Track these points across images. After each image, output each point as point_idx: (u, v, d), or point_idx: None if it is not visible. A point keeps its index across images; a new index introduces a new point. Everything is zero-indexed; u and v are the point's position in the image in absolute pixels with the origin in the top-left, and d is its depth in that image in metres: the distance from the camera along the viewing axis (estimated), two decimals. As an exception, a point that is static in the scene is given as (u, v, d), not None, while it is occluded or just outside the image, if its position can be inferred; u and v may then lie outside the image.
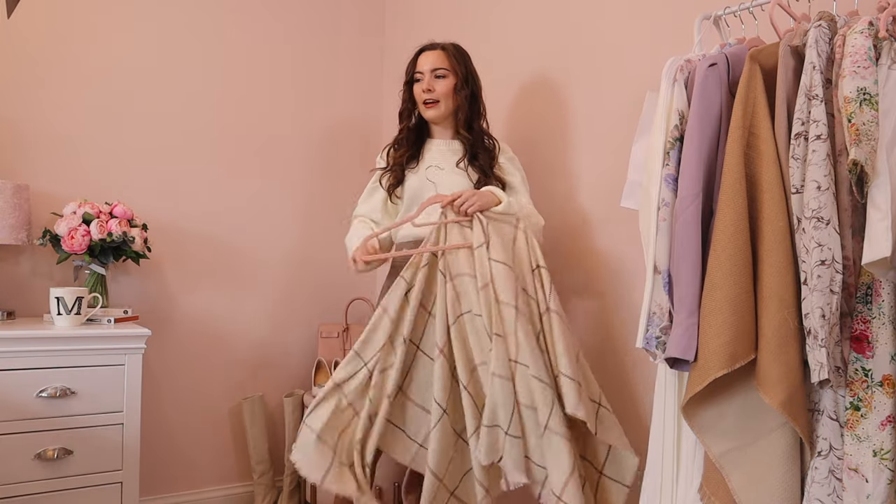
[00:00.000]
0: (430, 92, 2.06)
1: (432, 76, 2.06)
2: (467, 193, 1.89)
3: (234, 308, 2.85)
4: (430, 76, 2.06)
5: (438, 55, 2.07)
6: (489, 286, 1.78)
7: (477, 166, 2.06)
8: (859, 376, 1.31)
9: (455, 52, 2.09)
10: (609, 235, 2.15)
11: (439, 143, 2.13)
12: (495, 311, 1.75)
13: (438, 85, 2.06)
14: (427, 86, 2.06)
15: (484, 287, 1.78)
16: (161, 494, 2.70)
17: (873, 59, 1.28)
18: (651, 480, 1.67)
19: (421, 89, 2.07)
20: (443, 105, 2.07)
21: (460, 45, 2.13)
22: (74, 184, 2.54)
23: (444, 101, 2.07)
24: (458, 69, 2.07)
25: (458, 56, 2.09)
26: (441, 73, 2.06)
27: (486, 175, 2.04)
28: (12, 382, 2.05)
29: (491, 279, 1.79)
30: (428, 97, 2.06)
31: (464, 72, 2.08)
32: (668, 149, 1.55)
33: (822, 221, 1.29)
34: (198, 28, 2.79)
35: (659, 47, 1.94)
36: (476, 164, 2.06)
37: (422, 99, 2.08)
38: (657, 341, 1.55)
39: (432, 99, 2.06)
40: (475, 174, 2.05)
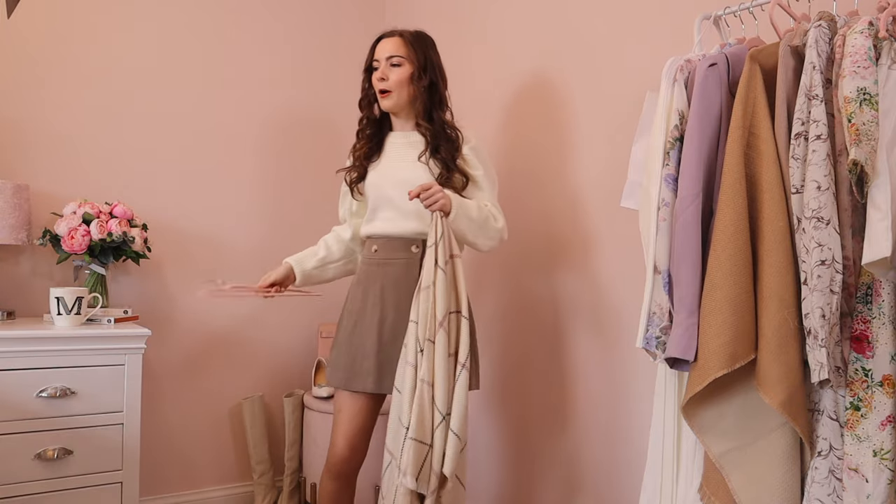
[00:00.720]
0: (384, 81, 1.97)
1: (388, 64, 1.97)
2: (437, 188, 1.84)
3: (234, 308, 2.85)
4: (386, 64, 1.97)
5: (395, 42, 1.98)
6: (430, 289, 1.78)
7: (439, 159, 1.97)
8: (859, 376, 1.31)
9: (413, 39, 2.00)
10: (609, 235, 2.15)
11: (399, 136, 2.05)
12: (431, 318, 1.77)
13: (393, 73, 1.97)
14: (381, 74, 1.97)
15: (426, 289, 1.79)
16: (161, 494, 2.70)
17: (873, 59, 1.28)
18: (651, 480, 1.67)
19: (377, 77, 1.99)
20: (396, 94, 1.98)
21: (423, 32, 2.04)
22: (74, 184, 2.54)
23: (397, 91, 1.98)
24: (416, 57, 1.98)
25: (417, 43, 1.99)
26: (396, 62, 1.97)
27: (449, 168, 1.96)
28: (12, 382, 2.05)
29: (434, 283, 1.78)
30: (382, 86, 1.98)
31: (422, 60, 1.98)
32: (668, 149, 1.55)
33: (822, 221, 1.29)
34: (198, 28, 2.79)
35: (659, 47, 1.94)
36: (438, 156, 1.97)
37: (377, 87, 1.99)
38: (657, 341, 1.55)
39: (386, 88, 1.98)
40: (437, 167, 1.97)
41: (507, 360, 2.51)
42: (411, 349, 1.78)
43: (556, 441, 2.33)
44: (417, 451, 1.74)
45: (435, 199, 1.83)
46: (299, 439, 2.79)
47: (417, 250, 1.96)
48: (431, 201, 1.83)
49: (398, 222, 1.98)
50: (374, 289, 1.98)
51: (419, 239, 1.96)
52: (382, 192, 2.00)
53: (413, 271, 1.94)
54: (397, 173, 2.00)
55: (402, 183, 1.95)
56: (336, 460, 1.97)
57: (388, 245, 1.99)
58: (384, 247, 2.00)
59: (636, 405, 2.05)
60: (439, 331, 1.76)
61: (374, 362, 1.93)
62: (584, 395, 2.24)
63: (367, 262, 2.05)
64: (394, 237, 1.99)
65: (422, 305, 1.79)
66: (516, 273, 2.49)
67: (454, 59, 2.79)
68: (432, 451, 1.75)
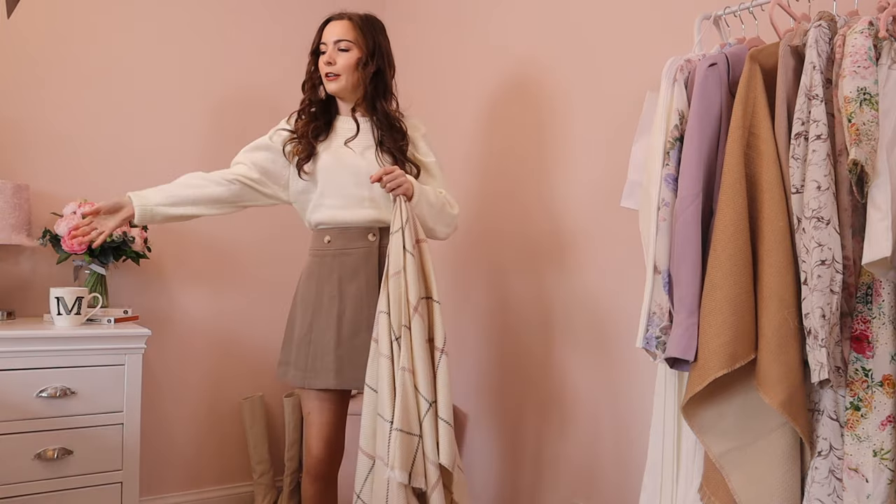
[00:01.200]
0: (331, 65, 1.93)
1: (335, 48, 1.93)
2: (400, 171, 1.81)
3: (234, 308, 2.85)
4: (334, 48, 1.93)
5: (344, 26, 1.94)
6: (401, 275, 1.75)
7: (386, 150, 1.94)
8: (859, 376, 1.31)
9: (363, 23, 1.95)
10: (609, 235, 2.15)
11: (348, 121, 2.00)
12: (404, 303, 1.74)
13: (340, 58, 1.92)
14: (329, 58, 1.92)
15: (395, 274, 1.75)
16: (161, 494, 2.70)
17: (873, 59, 1.28)
18: (651, 480, 1.67)
19: (324, 61, 1.94)
20: (343, 79, 1.93)
21: (373, 16, 2.00)
22: (74, 184, 2.54)
23: (345, 75, 1.93)
24: (365, 42, 1.94)
25: (366, 28, 1.95)
26: (344, 46, 1.92)
27: (397, 160, 1.93)
28: (12, 382, 2.05)
29: (404, 268, 1.75)
30: (329, 70, 1.93)
31: (371, 46, 1.94)
32: (668, 149, 1.55)
33: (822, 221, 1.29)
34: (198, 28, 2.79)
35: (659, 47, 1.94)
36: (384, 147, 1.94)
37: (324, 71, 1.95)
38: (657, 341, 1.55)
39: (333, 72, 1.93)
40: (387, 159, 1.93)
41: (506, 360, 2.51)
42: (384, 341, 1.73)
43: (556, 441, 2.33)
44: (406, 442, 1.68)
45: (398, 182, 1.79)
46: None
47: (375, 238, 1.92)
48: (395, 184, 1.79)
49: (352, 210, 1.92)
50: (331, 281, 1.92)
51: (375, 227, 1.92)
52: (334, 177, 1.93)
53: (372, 260, 1.91)
54: (348, 159, 1.93)
55: (354, 169, 1.91)
56: (314, 462, 1.95)
57: (343, 234, 1.93)
58: (339, 236, 1.93)
59: (636, 405, 2.05)
60: (414, 316, 1.72)
61: (334, 357, 1.88)
62: (583, 396, 2.24)
63: (319, 254, 1.96)
64: (349, 226, 1.92)
65: (392, 292, 1.74)
66: (516, 272, 2.49)
67: (454, 59, 2.79)
68: (423, 442, 1.70)
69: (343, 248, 1.92)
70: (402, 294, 1.74)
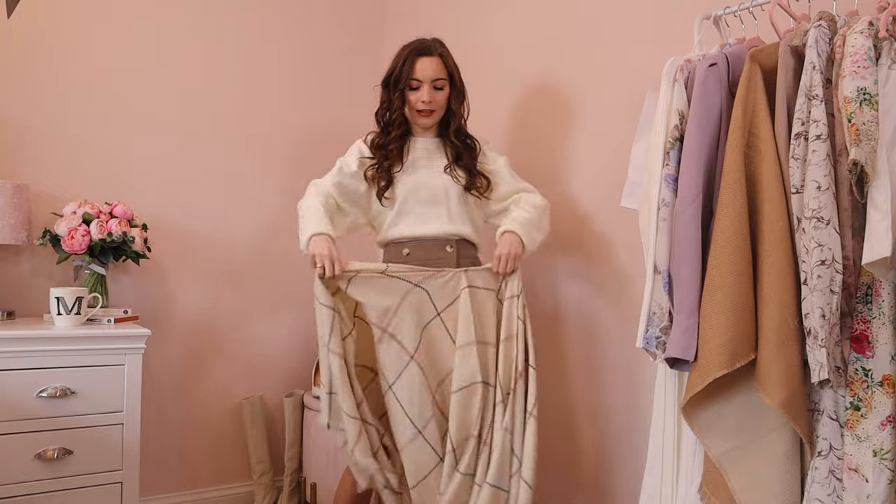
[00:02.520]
0: (431, 103, 2.01)
1: (432, 87, 2.01)
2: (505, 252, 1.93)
3: (234, 308, 2.84)
4: (430, 87, 2.00)
5: (437, 63, 2.01)
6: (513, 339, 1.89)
7: (462, 166, 2.04)
8: (859, 376, 1.31)
9: (449, 57, 2.06)
10: (609, 235, 2.15)
11: (423, 142, 2.09)
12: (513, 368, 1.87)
13: (438, 96, 2.02)
14: (428, 97, 2.00)
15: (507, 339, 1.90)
16: (161, 494, 2.70)
17: (873, 59, 1.28)
18: (651, 480, 1.67)
19: (420, 99, 2.01)
20: (437, 114, 2.05)
21: (443, 43, 2.07)
22: (74, 184, 2.54)
23: (438, 111, 2.05)
24: (455, 76, 2.05)
25: (451, 60, 2.06)
26: (440, 85, 2.02)
27: (472, 174, 2.04)
28: (12, 382, 2.05)
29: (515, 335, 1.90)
30: (427, 108, 2.02)
31: (458, 79, 2.06)
32: (668, 149, 1.55)
33: (822, 221, 1.29)
34: (198, 28, 2.79)
35: (659, 47, 1.94)
36: (461, 163, 2.05)
37: (419, 108, 2.02)
38: (657, 341, 1.55)
39: (431, 109, 2.03)
40: (462, 174, 2.04)
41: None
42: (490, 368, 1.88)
43: (555, 441, 2.32)
44: (495, 498, 1.80)
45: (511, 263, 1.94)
46: (299, 439, 2.79)
47: (452, 249, 2.01)
48: (511, 266, 1.94)
49: (430, 224, 2.01)
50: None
51: (452, 239, 2.01)
52: (412, 196, 2.02)
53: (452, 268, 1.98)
54: (423, 178, 2.04)
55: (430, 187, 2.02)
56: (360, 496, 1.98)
57: (421, 247, 2.01)
58: (417, 248, 2.01)
59: (636, 405, 2.05)
60: (519, 381, 1.85)
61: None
62: (583, 395, 2.24)
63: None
64: (427, 238, 2.01)
65: (504, 357, 1.88)
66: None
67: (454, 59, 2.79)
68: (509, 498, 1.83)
69: (424, 258, 2.00)
70: (513, 360, 1.87)
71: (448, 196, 2.02)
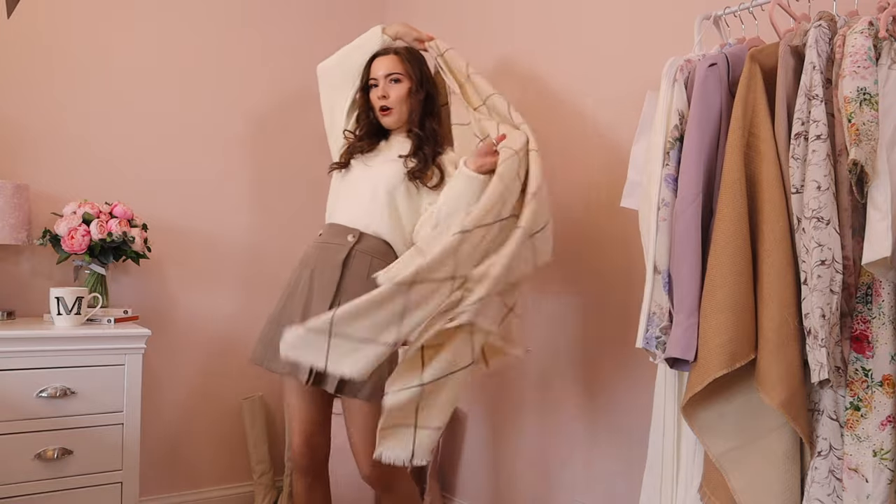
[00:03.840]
0: (385, 98, 2.01)
1: (387, 81, 2.01)
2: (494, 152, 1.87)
3: (234, 308, 2.84)
4: (385, 81, 2.01)
5: (392, 60, 2.03)
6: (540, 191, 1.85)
7: (420, 156, 1.98)
8: (859, 376, 1.31)
9: (409, 55, 2.06)
10: (609, 235, 2.15)
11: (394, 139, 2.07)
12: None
13: (393, 90, 2.01)
14: (382, 91, 2.01)
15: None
16: (161, 494, 2.70)
17: (873, 59, 1.28)
18: (651, 480, 1.67)
19: (376, 95, 2.02)
20: (397, 111, 2.02)
21: (413, 48, 2.09)
22: (74, 184, 2.54)
23: (398, 107, 2.02)
24: (413, 72, 2.03)
25: (412, 59, 2.05)
26: (396, 78, 2.01)
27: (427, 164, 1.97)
28: (12, 382, 2.05)
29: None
30: (383, 103, 2.02)
31: (418, 74, 2.04)
32: (668, 149, 1.55)
33: (822, 221, 1.29)
34: (197, 28, 2.79)
35: (659, 47, 1.94)
36: (420, 153, 1.99)
37: (378, 105, 2.03)
38: (657, 341, 1.55)
39: (387, 105, 2.01)
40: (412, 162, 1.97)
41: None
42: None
43: (555, 441, 2.33)
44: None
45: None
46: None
47: (353, 239, 1.94)
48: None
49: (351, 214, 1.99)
50: (307, 269, 1.97)
51: (356, 230, 1.95)
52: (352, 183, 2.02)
53: (339, 256, 1.92)
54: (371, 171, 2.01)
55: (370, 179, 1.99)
56: (296, 456, 1.98)
57: (332, 230, 2.00)
58: (328, 231, 2.01)
59: (636, 405, 2.05)
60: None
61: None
62: (583, 395, 2.24)
63: (311, 245, 2.04)
64: (340, 225, 1.99)
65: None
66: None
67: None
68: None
69: (326, 241, 1.98)
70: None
71: (377, 189, 1.96)
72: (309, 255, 2.01)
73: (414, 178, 1.96)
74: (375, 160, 2.03)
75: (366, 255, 1.93)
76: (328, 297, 1.88)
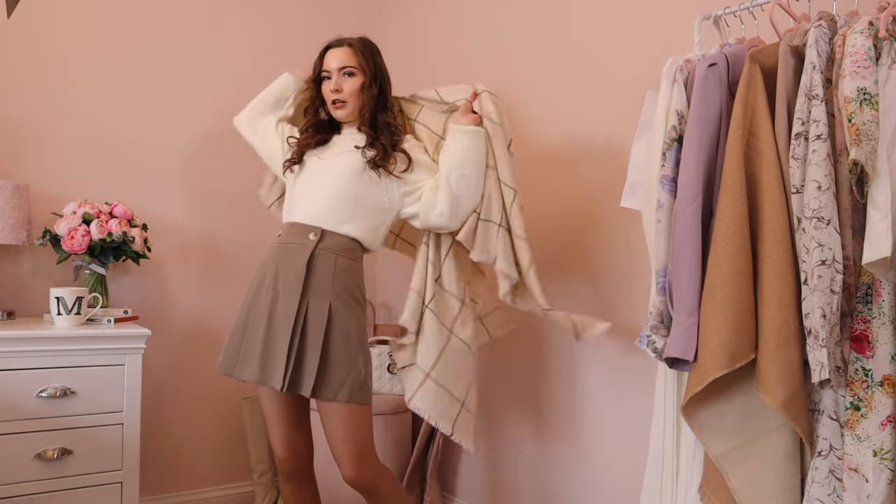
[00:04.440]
0: (339, 92, 1.95)
1: (340, 75, 1.95)
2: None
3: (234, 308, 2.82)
4: (339, 75, 1.95)
5: (346, 52, 1.96)
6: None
7: (378, 146, 1.92)
8: (859, 376, 1.31)
9: (363, 48, 1.98)
10: (610, 236, 2.15)
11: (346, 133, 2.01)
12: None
13: (346, 84, 1.95)
14: (335, 85, 1.95)
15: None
16: (161, 494, 2.70)
17: (873, 59, 1.28)
18: (651, 480, 1.67)
19: (329, 89, 1.96)
20: (350, 105, 1.96)
21: (368, 39, 2.02)
22: (74, 184, 2.54)
23: (351, 101, 1.96)
24: (367, 66, 1.96)
25: (367, 52, 1.98)
26: (349, 72, 1.95)
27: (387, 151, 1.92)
28: (12, 382, 2.05)
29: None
30: (336, 97, 1.95)
31: (372, 68, 1.97)
32: (665, 150, 1.55)
33: (822, 221, 1.29)
34: (197, 28, 2.79)
35: (659, 47, 1.94)
36: (377, 144, 1.93)
37: (330, 99, 1.97)
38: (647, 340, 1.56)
39: (341, 99, 1.96)
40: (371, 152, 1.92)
41: (505, 360, 2.51)
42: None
43: (555, 440, 2.33)
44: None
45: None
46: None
47: (315, 238, 1.88)
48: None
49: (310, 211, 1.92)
50: (270, 271, 1.91)
51: (318, 227, 1.90)
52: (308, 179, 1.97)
53: (302, 257, 1.87)
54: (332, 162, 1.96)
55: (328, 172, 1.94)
56: (279, 462, 1.96)
57: (291, 230, 1.93)
58: (287, 231, 1.94)
59: (636, 405, 2.05)
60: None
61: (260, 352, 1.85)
62: (583, 395, 2.24)
63: (271, 246, 1.97)
64: (297, 224, 1.93)
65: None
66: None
67: (453, 60, 2.79)
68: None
69: (287, 241, 1.93)
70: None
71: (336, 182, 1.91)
72: (270, 256, 1.94)
73: (376, 166, 1.90)
74: (328, 153, 1.97)
75: (330, 253, 1.87)
76: (294, 300, 1.83)
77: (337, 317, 1.84)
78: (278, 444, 1.95)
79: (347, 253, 1.90)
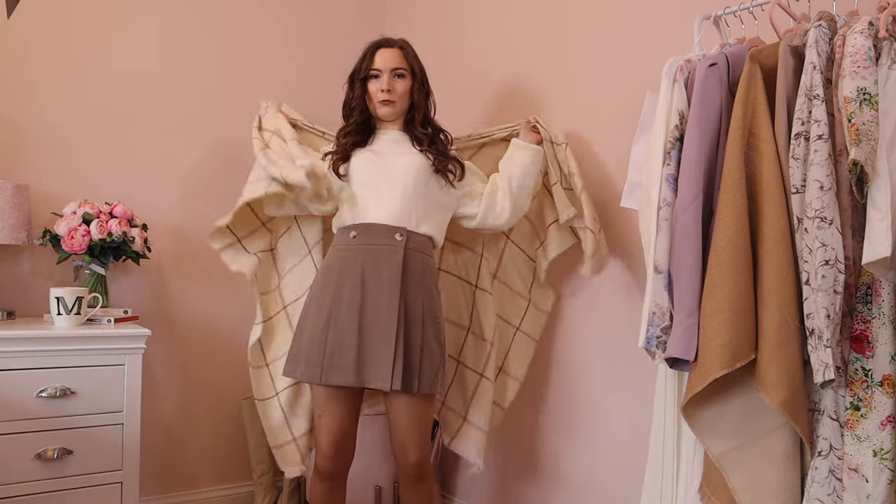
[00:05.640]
0: (390, 92, 2.00)
1: (392, 76, 2.01)
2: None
3: (234, 308, 2.84)
4: (390, 76, 2.01)
5: (398, 54, 2.03)
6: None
7: (435, 150, 2.01)
8: (859, 376, 1.31)
9: (412, 52, 2.06)
10: (609, 236, 2.15)
11: (388, 134, 2.07)
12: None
13: (398, 85, 2.01)
14: (387, 85, 1.99)
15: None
16: (161, 494, 2.70)
17: (873, 59, 1.28)
18: (651, 480, 1.67)
19: (379, 88, 2.00)
20: (398, 104, 2.03)
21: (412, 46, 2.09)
22: (74, 184, 2.54)
23: (399, 101, 2.02)
24: (416, 69, 2.04)
25: (414, 56, 2.06)
26: (401, 73, 2.01)
27: (445, 156, 2.01)
28: (12, 382, 2.05)
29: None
30: (387, 97, 2.00)
31: (420, 71, 2.05)
32: (669, 149, 1.55)
33: (825, 221, 1.29)
34: (198, 29, 2.79)
35: (659, 47, 1.94)
36: (434, 148, 2.02)
37: (379, 97, 2.01)
38: (658, 341, 1.55)
39: (391, 99, 2.01)
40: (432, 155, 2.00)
41: (507, 360, 2.51)
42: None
43: (556, 441, 2.33)
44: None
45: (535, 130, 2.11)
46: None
47: (402, 238, 1.92)
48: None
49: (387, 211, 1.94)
50: (353, 273, 1.91)
51: (403, 228, 1.93)
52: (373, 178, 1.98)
53: (397, 257, 1.90)
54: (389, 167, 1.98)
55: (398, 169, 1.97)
56: (324, 461, 1.95)
57: (370, 231, 1.93)
58: (365, 232, 1.94)
59: (636, 405, 2.05)
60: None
61: (355, 354, 1.86)
62: (583, 395, 2.24)
63: (342, 249, 1.96)
64: (377, 224, 1.93)
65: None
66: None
67: (452, 60, 2.79)
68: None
69: (369, 242, 1.93)
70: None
71: (407, 183, 1.95)
72: (348, 258, 1.93)
73: (438, 171, 2.00)
74: (381, 153, 2.01)
75: (417, 252, 1.94)
76: (395, 300, 1.86)
77: (428, 314, 1.92)
78: (328, 444, 1.94)
79: (429, 251, 1.99)
